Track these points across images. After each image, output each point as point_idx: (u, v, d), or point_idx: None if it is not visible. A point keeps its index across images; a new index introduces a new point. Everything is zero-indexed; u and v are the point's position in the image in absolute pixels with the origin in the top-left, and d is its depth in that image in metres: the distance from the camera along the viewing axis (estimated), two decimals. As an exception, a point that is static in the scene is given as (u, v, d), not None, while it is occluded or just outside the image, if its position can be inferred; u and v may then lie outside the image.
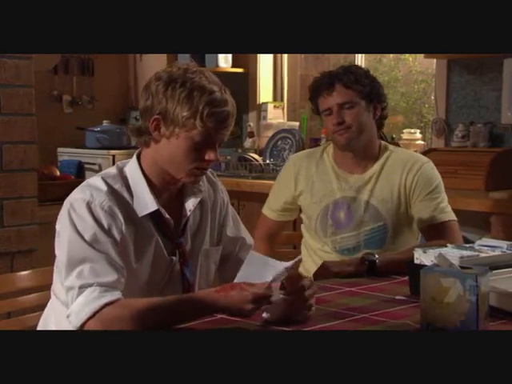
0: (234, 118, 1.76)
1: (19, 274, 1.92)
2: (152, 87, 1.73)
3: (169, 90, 1.70)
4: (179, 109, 1.69)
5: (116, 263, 1.68)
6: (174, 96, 1.69)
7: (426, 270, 1.68)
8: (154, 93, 1.72)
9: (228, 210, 2.01)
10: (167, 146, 1.74)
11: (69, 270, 1.66)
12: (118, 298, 1.64)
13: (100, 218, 1.69)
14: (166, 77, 1.72)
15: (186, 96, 1.69)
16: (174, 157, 1.74)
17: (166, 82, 1.71)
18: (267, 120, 4.38)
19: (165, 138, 1.73)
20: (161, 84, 1.71)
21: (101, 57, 4.72)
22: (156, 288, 1.80)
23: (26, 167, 2.53)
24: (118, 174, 1.78)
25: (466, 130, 3.71)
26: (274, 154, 4.15)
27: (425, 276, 1.66)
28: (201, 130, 1.70)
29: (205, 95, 1.69)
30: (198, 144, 1.72)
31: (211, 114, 1.69)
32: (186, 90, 1.69)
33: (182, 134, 1.71)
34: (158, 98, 1.71)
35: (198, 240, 1.89)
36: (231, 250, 2.00)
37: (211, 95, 1.70)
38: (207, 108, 1.68)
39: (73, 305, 1.64)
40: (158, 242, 1.79)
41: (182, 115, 1.69)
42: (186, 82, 1.70)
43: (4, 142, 2.46)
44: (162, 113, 1.71)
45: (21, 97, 2.50)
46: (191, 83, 1.70)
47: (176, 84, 1.70)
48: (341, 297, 1.95)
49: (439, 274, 1.65)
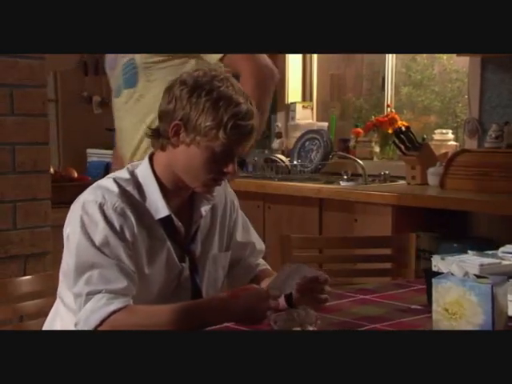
0: (256, 130, 1.70)
1: (20, 279, 1.88)
2: (176, 91, 1.66)
3: (194, 96, 1.64)
4: (203, 118, 1.63)
5: (127, 269, 1.63)
6: (198, 104, 1.63)
7: (437, 279, 1.59)
8: (178, 97, 1.66)
9: (238, 214, 1.95)
10: (185, 153, 1.68)
11: (77, 275, 1.61)
12: (127, 305, 1.59)
13: (112, 220, 1.63)
14: (192, 82, 1.65)
15: (211, 105, 1.63)
16: (192, 165, 1.68)
17: (192, 88, 1.64)
18: (295, 120, 4.29)
19: (184, 145, 1.67)
20: (185, 89, 1.65)
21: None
22: (166, 295, 1.74)
23: (40, 169, 2.49)
24: (129, 176, 1.73)
25: (499, 131, 3.56)
26: (301, 155, 4.07)
27: (436, 286, 1.57)
28: (223, 142, 1.64)
29: (231, 106, 1.63)
30: (218, 156, 1.66)
31: (236, 127, 1.63)
32: (212, 99, 1.63)
33: (204, 143, 1.65)
34: (181, 103, 1.65)
35: (208, 245, 1.83)
36: (240, 256, 1.93)
37: (237, 107, 1.63)
38: (232, 120, 1.62)
39: (80, 312, 1.59)
40: (170, 248, 1.74)
41: (205, 124, 1.63)
42: (213, 90, 1.63)
43: (17, 142, 2.43)
44: (183, 119, 1.65)
45: (34, 97, 2.47)
46: (218, 92, 1.63)
47: (202, 91, 1.63)
48: (352, 305, 1.87)
49: (452, 284, 1.56)
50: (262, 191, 3.67)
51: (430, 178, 3.51)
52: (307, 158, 4.03)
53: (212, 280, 1.85)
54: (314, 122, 4.34)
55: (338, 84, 4.50)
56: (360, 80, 4.43)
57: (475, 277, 1.60)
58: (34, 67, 2.45)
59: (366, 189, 3.43)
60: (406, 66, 4.34)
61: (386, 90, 4.19)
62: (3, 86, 2.40)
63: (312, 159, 4.01)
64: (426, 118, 4.30)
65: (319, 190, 3.47)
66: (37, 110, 2.48)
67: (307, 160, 4.02)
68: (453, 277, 1.59)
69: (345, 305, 1.87)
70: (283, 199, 3.60)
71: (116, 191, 1.67)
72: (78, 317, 1.60)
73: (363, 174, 3.76)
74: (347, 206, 3.36)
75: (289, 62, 4.33)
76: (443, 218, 3.21)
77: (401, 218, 3.21)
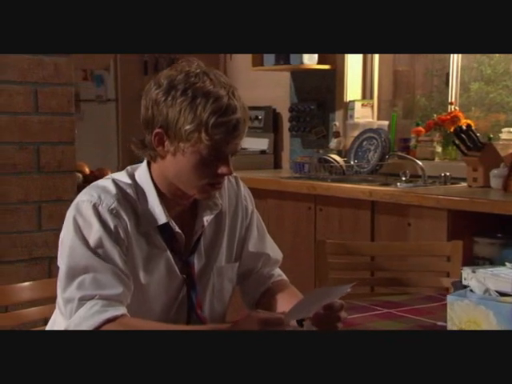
0: (246, 123, 1.54)
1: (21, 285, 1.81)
2: (152, 94, 1.53)
3: (169, 98, 1.50)
4: (182, 121, 1.49)
5: (122, 273, 1.52)
6: (174, 106, 1.50)
7: (453, 295, 1.41)
8: (154, 101, 1.52)
9: (252, 221, 1.79)
10: (174, 163, 1.55)
11: (69, 279, 1.51)
12: (122, 314, 1.49)
13: (107, 221, 1.53)
14: (166, 83, 1.52)
15: (188, 105, 1.49)
16: (183, 174, 1.56)
17: (166, 90, 1.51)
18: (354, 119, 4.11)
19: (170, 154, 1.55)
20: (161, 92, 1.51)
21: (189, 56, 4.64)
22: (169, 308, 1.64)
23: (65, 169, 2.43)
24: (129, 178, 1.62)
25: None
26: (358, 156, 3.89)
27: (452, 304, 1.40)
28: (207, 144, 1.50)
29: (209, 103, 1.48)
30: (207, 159, 1.52)
31: (218, 125, 1.49)
32: (188, 99, 1.49)
33: (188, 149, 1.51)
34: (158, 108, 1.52)
35: (213, 256, 1.70)
36: (253, 267, 1.79)
37: (216, 102, 1.49)
38: (212, 118, 1.48)
39: (72, 317, 1.49)
40: (169, 258, 1.62)
41: (184, 128, 1.49)
42: (188, 88, 1.49)
43: (41, 142, 2.38)
44: (163, 126, 1.52)
45: (59, 96, 2.40)
46: (193, 90, 1.49)
47: (177, 92, 1.50)
48: (372, 320, 1.71)
49: (469, 302, 1.38)
50: (313, 192, 3.52)
51: (492, 181, 3.27)
52: (364, 159, 3.85)
53: (217, 292, 1.72)
54: (373, 121, 4.15)
55: (403, 81, 4.29)
56: (428, 77, 4.21)
57: (498, 294, 1.41)
58: (60, 65, 2.39)
59: (420, 191, 3.23)
60: (478, 61, 4.09)
61: (451, 87, 3.96)
62: (27, 84, 2.36)
63: (369, 159, 3.82)
64: (496, 116, 4.04)
65: (371, 192, 3.29)
66: (62, 109, 2.42)
67: (364, 160, 3.83)
68: (472, 294, 1.41)
69: (364, 319, 1.71)
70: (335, 201, 3.44)
71: (113, 192, 1.57)
72: (69, 322, 1.50)
73: (422, 175, 3.56)
74: (400, 209, 3.17)
75: (348, 59, 4.15)
76: (506, 222, 2.97)
77: (458, 223, 3.00)
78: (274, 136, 4.51)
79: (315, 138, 4.24)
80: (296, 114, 4.33)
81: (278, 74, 4.42)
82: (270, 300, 1.74)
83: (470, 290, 1.43)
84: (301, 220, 3.60)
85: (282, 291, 1.74)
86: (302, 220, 3.60)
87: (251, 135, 4.57)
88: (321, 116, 4.25)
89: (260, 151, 4.48)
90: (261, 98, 4.53)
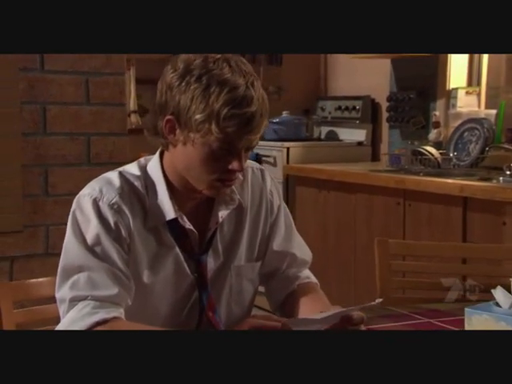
0: (264, 117, 1.40)
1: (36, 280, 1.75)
2: (167, 78, 1.42)
3: (183, 84, 1.38)
4: (193, 109, 1.37)
5: (120, 273, 1.43)
6: (187, 92, 1.38)
7: (472, 309, 1.20)
8: (168, 86, 1.41)
9: (278, 218, 1.64)
10: (184, 153, 1.44)
11: (63, 278, 1.44)
12: (114, 317, 1.39)
13: (107, 217, 1.43)
14: (183, 67, 1.40)
15: (201, 93, 1.36)
16: (192, 167, 1.44)
17: (181, 74, 1.39)
18: (456, 108, 3.80)
19: (181, 144, 1.43)
20: (175, 76, 1.40)
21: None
22: (179, 311, 1.52)
23: (116, 160, 2.36)
24: (138, 169, 1.52)
25: None
26: (458, 148, 3.59)
27: (469, 317, 1.19)
28: (218, 137, 1.37)
29: (223, 92, 1.35)
30: (217, 153, 1.40)
31: (230, 117, 1.35)
32: (202, 86, 1.36)
33: (198, 140, 1.39)
34: (171, 93, 1.40)
35: (231, 255, 1.57)
36: (277, 267, 1.65)
37: (231, 92, 1.35)
38: (225, 109, 1.35)
39: (62, 320, 1.42)
40: (178, 256, 1.50)
41: (195, 118, 1.37)
42: (203, 74, 1.37)
43: (92, 133, 2.32)
44: (175, 113, 1.40)
45: (111, 85, 2.34)
46: (209, 76, 1.36)
47: (192, 77, 1.37)
48: (403, 330, 1.50)
49: (488, 317, 1.16)
50: (402, 187, 3.28)
51: None
52: (464, 151, 3.55)
53: (235, 294, 1.59)
54: (479, 110, 3.82)
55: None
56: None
57: (527, 309, 1.18)
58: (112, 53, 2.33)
59: (517, 187, 2.92)
60: None
61: None
62: (78, 74, 2.31)
63: (470, 152, 3.52)
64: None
65: (462, 187, 3.02)
66: (114, 99, 2.35)
67: (464, 153, 3.54)
68: (494, 307, 1.19)
69: (395, 328, 1.51)
70: (425, 196, 3.19)
71: (117, 185, 1.47)
72: (58, 326, 1.42)
73: (529, 169, 3.22)
74: (495, 207, 2.88)
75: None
76: None
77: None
78: (372, 127, 4.29)
79: (414, 129, 3.98)
80: (394, 103, 4.09)
81: (377, 61, 4.19)
82: (293, 304, 1.59)
83: (494, 303, 1.21)
84: (388, 216, 3.38)
85: (306, 295, 1.59)
86: (389, 216, 3.37)
87: (347, 126, 4.37)
88: (421, 105, 3.98)
89: (357, 143, 4.28)
90: (359, 86, 4.32)
